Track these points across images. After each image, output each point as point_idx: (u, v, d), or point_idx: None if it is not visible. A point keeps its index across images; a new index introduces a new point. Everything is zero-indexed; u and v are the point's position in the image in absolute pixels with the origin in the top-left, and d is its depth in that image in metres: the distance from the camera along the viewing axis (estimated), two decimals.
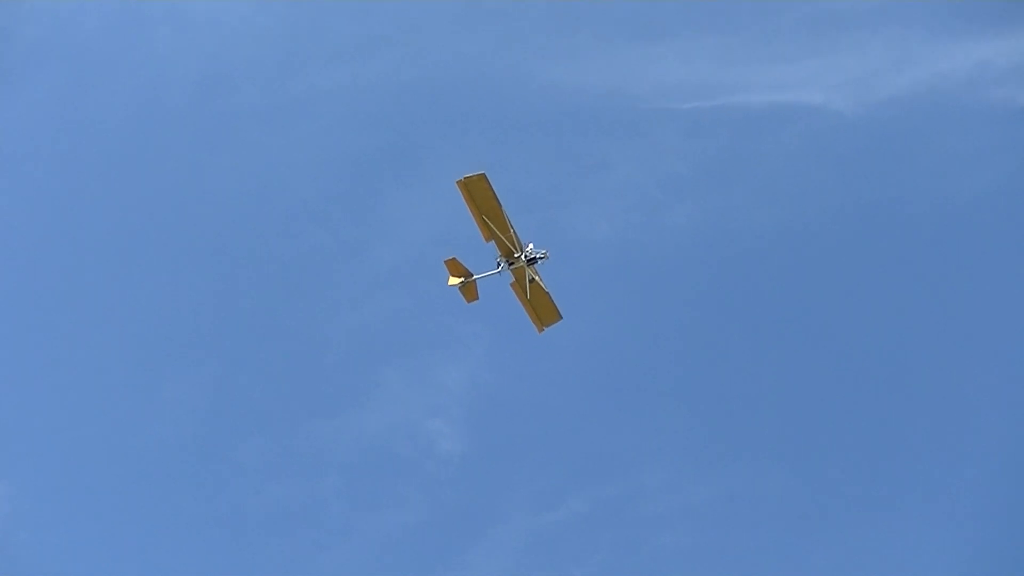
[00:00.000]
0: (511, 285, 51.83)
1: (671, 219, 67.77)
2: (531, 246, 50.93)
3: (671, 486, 62.25)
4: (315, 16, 71.32)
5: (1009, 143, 65.59)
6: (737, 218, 67.81)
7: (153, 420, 63.55)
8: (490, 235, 50.47)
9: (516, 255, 50.94)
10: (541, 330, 52.81)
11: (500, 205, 49.62)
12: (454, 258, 51.97)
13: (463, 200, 49.48)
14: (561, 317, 52.45)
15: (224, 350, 65.75)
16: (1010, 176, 65.15)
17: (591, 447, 63.95)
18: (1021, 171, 65.34)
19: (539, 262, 50.97)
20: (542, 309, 52.28)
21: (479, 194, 49.29)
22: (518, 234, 50.62)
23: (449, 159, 68.41)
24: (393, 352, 65.72)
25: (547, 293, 51.84)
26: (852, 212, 67.28)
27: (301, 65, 70.50)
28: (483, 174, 48.88)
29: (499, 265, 51.46)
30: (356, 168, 69.78)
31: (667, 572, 60.02)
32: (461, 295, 52.64)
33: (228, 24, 70.65)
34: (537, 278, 51.37)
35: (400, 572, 60.67)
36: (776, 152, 68.77)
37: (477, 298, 52.80)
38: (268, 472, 62.69)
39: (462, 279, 52.36)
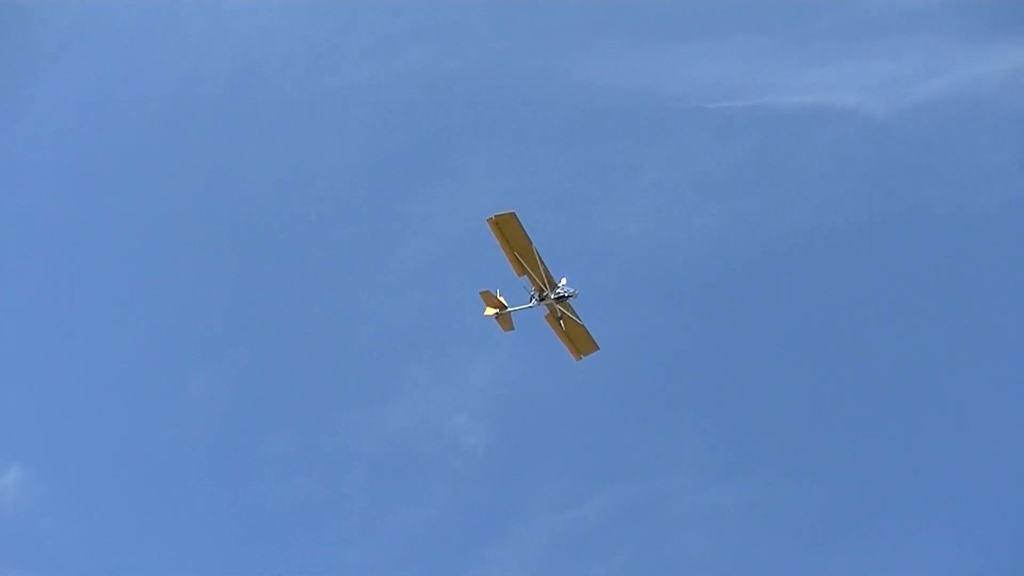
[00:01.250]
0: (545, 318, 51.86)
1: (701, 220, 67.67)
2: (564, 281, 50.79)
3: (695, 488, 62.36)
4: (347, 11, 71.63)
5: None
6: (767, 220, 67.66)
7: (180, 413, 64.31)
8: (522, 271, 50.37)
9: (546, 292, 50.77)
10: (578, 358, 52.51)
11: (531, 243, 49.57)
12: (487, 291, 52.15)
13: (494, 237, 49.20)
14: (598, 347, 52.26)
15: (251, 344, 66.46)
16: None
17: (615, 447, 64.07)
18: None
19: (568, 300, 50.82)
20: (578, 340, 52.10)
21: (509, 231, 49.24)
22: (548, 270, 50.45)
23: (480, 157, 68.69)
24: (420, 348, 66.01)
25: (582, 326, 51.70)
26: (883, 217, 67.10)
27: (333, 60, 71.02)
28: (512, 213, 48.83)
29: (531, 299, 51.39)
30: (387, 164, 70.20)
31: (688, 574, 60.06)
32: (498, 324, 52.71)
33: (260, 19, 70.97)
34: (568, 314, 51.28)
35: (422, 568, 61.14)
36: (808, 154, 68.70)
37: (513, 328, 52.89)
38: (293, 466, 63.27)
39: (497, 311, 52.49)
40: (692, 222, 67.74)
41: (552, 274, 50.62)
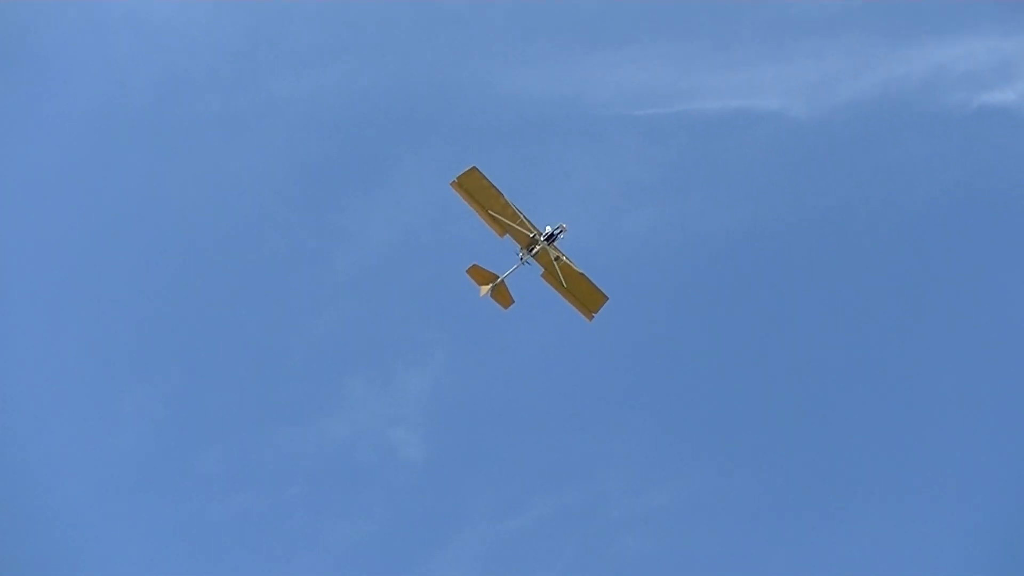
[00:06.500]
0: (542, 276, 49.49)
1: (631, 225, 68.00)
2: (548, 227, 48.36)
3: (633, 489, 62.56)
4: (272, 24, 71.43)
5: (964, 147, 66.45)
6: (696, 223, 68.15)
7: (113, 430, 63.25)
8: (502, 229, 48.43)
9: (533, 236, 48.37)
10: (591, 318, 49.77)
11: (501, 194, 47.65)
12: (475, 264, 49.75)
13: (463, 201, 47.62)
14: (607, 297, 49.36)
15: (184, 360, 65.54)
16: (964, 179, 66.08)
17: (553, 452, 64.23)
18: (975, 174, 66.16)
19: (559, 238, 48.34)
20: (583, 294, 49.31)
21: (476, 190, 47.49)
22: (529, 218, 48.29)
23: (409, 168, 68.65)
24: (355, 360, 65.70)
25: (582, 274, 49.12)
26: (811, 217, 67.86)
27: (259, 73, 70.47)
28: (474, 168, 47.08)
29: (521, 258, 49.05)
30: (316, 176, 69.86)
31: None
32: (496, 303, 50.19)
33: (185, 32, 70.58)
34: (564, 257, 48.85)
35: None
36: (735, 157, 69.20)
37: (513, 301, 50.26)
38: (230, 482, 62.52)
39: (490, 284, 49.86)
40: (622, 227, 68.11)
41: (533, 222, 48.16)
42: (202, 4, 70.89)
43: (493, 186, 47.90)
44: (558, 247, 49.14)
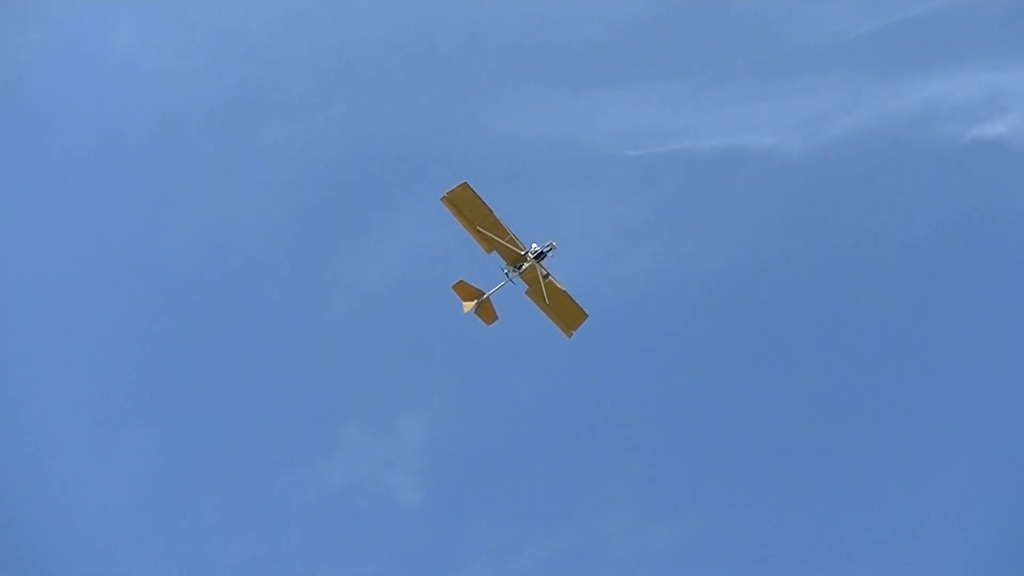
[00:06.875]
0: (526, 294, 49.91)
1: (627, 266, 68.00)
2: (535, 245, 48.78)
3: (632, 530, 62.38)
4: (266, 70, 71.75)
5: (957, 180, 66.54)
6: (692, 262, 68.16)
7: (111, 478, 63.13)
8: (490, 245, 48.80)
9: (523, 253, 48.80)
10: (570, 335, 50.49)
11: (491, 211, 48.00)
12: (461, 280, 50.16)
13: (453, 217, 47.94)
14: (586, 315, 50.03)
15: (181, 406, 65.50)
16: (959, 213, 66.17)
17: (551, 493, 64.07)
18: (969, 208, 66.24)
19: (548, 255, 48.82)
20: (565, 312, 49.96)
21: (467, 205, 47.79)
22: (517, 236, 48.65)
23: (404, 213, 68.74)
24: (351, 405, 65.66)
25: (564, 291, 49.64)
26: (806, 254, 67.84)
27: (253, 119, 70.68)
28: (465, 183, 47.44)
29: (507, 275, 49.45)
30: (311, 222, 69.99)
31: None
32: (480, 319, 50.69)
33: (180, 79, 70.94)
34: (551, 275, 49.20)
35: None
36: (728, 196, 69.29)
37: (497, 317, 50.79)
38: (228, 527, 62.37)
39: (475, 300, 50.30)
40: (618, 269, 68.12)
41: (520, 240, 48.62)
42: (194, 52, 71.55)
43: (483, 203, 48.20)
44: (545, 265, 49.53)
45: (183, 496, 63.25)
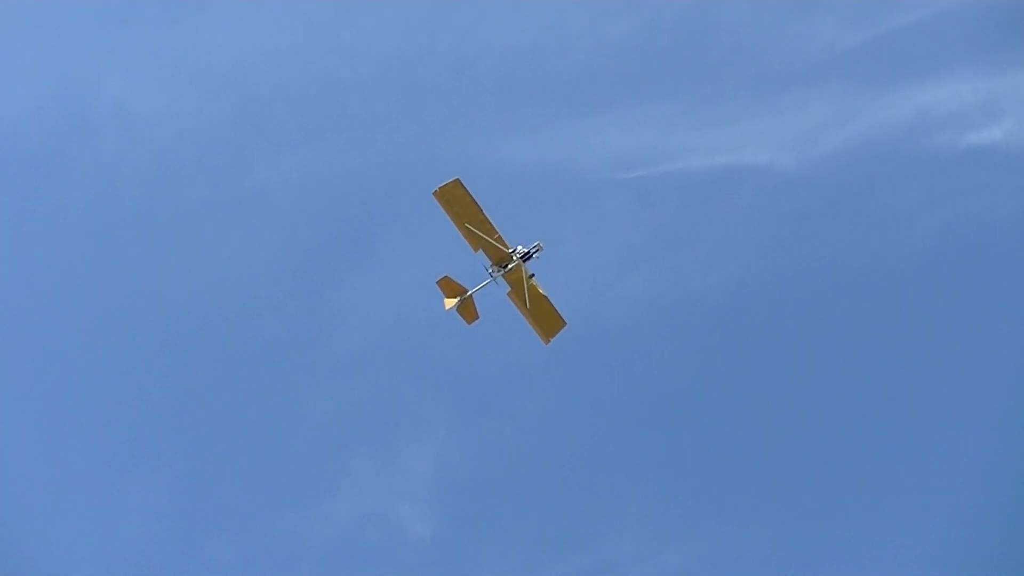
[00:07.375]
0: (508, 295, 50.51)
1: (627, 288, 68.00)
2: (520, 247, 49.53)
3: (644, 554, 62.23)
4: (258, 108, 72.07)
5: (953, 188, 66.50)
6: (691, 283, 68.13)
7: (119, 519, 63.13)
8: (477, 243, 49.39)
9: (509, 252, 49.44)
10: (547, 341, 51.09)
11: (481, 208, 48.70)
12: (447, 276, 50.63)
13: (443, 212, 48.48)
14: (565, 323, 50.80)
15: (188, 446, 65.53)
16: (955, 221, 66.14)
17: (561, 519, 63.99)
18: (966, 215, 66.19)
19: (535, 256, 49.56)
20: (544, 317, 50.62)
21: (457, 202, 48.46)
22: (503, 237, 49.29)
23: (402, 245, 68.83)
24: (358, 439, 65.65)
25: (545, 296, 50.33)
26: (805, 269, 67.83)
27: (247, 159, 70.84)
28: (457, 180, 48.15)
29: (491, 274, 50.14)
30: (309, 258, 70.11)
31: None
32: (461, 317, 51.10)
33: (173, 120, 71.19)
34: (535, 278, 49.90)
35: None
36: (725, 215, 69.27)
37: (478, 317, 51.23)
38: (239, 567, 62.26)
39: (458, 297, 50.76)
40: (618, 291, 68.10)
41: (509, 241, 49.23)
42: (187, 93, 71.85)
43: (473, 199, 48.88)
44: (530, 268, 50.07)
45: (193, 537, 63.26)
